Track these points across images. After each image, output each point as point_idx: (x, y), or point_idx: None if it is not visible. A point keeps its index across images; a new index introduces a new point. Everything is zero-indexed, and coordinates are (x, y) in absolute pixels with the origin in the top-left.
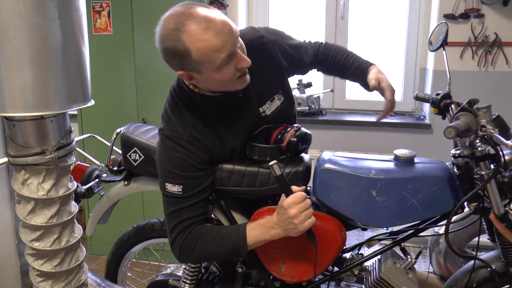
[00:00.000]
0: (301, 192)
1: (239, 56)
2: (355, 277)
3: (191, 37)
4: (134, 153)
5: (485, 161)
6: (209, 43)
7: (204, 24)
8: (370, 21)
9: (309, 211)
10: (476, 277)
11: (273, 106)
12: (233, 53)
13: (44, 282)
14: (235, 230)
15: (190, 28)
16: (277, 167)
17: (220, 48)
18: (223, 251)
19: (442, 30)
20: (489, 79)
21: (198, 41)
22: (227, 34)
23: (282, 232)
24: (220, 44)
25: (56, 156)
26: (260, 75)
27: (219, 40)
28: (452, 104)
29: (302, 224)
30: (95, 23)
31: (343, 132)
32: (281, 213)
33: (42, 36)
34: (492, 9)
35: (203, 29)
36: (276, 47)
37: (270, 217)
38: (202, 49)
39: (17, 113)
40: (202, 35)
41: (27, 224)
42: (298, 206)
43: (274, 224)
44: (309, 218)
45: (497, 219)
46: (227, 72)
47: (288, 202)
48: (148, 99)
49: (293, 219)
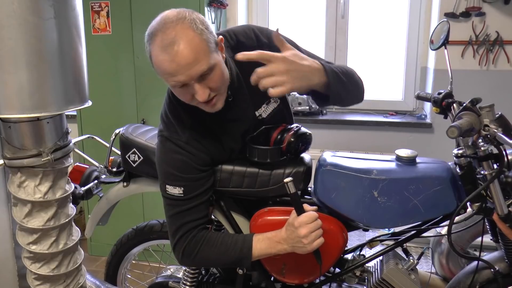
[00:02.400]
0: (313, 212)
1: (195, 89)
2: (356, 278)
3: (153, 50)
4: (133, 154)
5: (488, 161)
6: (161, 65)
7: (166, 44)
8: (370, 20)
9: (319, 232)
10: (479, 278)
11: (269, 108)
12: (186, 84)
13: (42, 285)
14: (241, 240)
15: (156, 42)
16: (292, 184)
17: (170, 75)
18: (226, 260)
19: (443, 28)
20: (490, 78)
21: (155, 57)
22: (181, 66)
23: (289, 248)
24: (171, 72)
25: (53, 158)
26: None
27: (170, 68)
28: (454, 104)
29: (310, 244)
30: (94, 23)
31: (344, 132)
32: (291, 231)
33: (38, 36)
34: (493, 7)
35: (163, 49)
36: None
37: (278, 232)
38: (156, 65)
39: (12, 114)
40: (159, 54)
41: (24, 227)
42: (309, 226)
43: (282, 239)
44: (318, 238)
45: (500, 219)
46: (184, 96)
47: (299, 221)
48: (147, 100)
49: (302, 238)
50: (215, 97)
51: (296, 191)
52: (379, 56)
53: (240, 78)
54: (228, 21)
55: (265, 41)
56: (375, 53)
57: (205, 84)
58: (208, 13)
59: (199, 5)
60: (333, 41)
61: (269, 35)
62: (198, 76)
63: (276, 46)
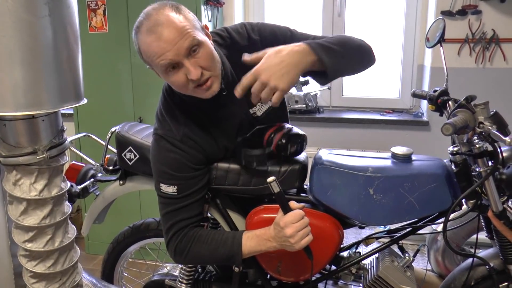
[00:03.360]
0: (299, 210)
1: (187, 66)
2: (352, 276)
3: (140, 38)
4: (129, 152)
5: (483, 158)
6: (149, 48)
7: (151, 27)
8: (367, 18)
9: (307, 230)
10: (474, 274)
11: (264, 107)
12: (176, 62)
13: (38, 283)
14: (231, 238)
15: (142, 29)
16: (275, 184)
17: (158, 55)
18: (217, 257)
19: (439, 26)
20: (486, 75)
21: (143, 43)
22: (169, 42)
23: (278, 246)
24: (158, 51)
25: (48, 156)
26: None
27: (157, 47)
28: (449, 101)
29: (298, 243)
30: (90, 22)
31: (340, 130)
32: (278, 230)
33: (32, 34)
34: (490, 5)
35: (148, 31)
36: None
37: (267, 229)
38: (145, 52)
39: (7, 112)
40: (146, 38)
41: (19, 225)
42: (295, 226)
43: (271, 237)
44: (306, 236)
45: (495, 216)
46: (177, 80)
47: (284, 222)
48: (144, 98)
49: (289, 238)
50: (209, 78)
51: (281, 190)
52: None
53: (234, 75)
54: (224, 19)
55: (256, 38)
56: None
57: (195, 62)
58: (205, 11)
59: (196, 3)
60: None
61: (261, 31)
62: (185, 51)
63: (269, 40)
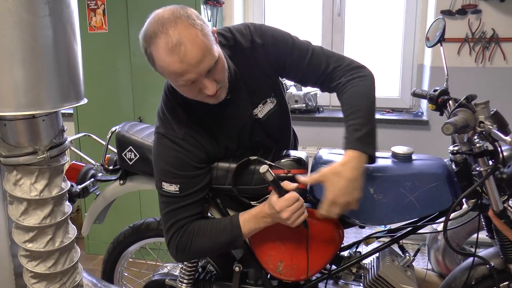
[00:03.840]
0: (293, 193)
1: (204, 83)
2: (353, 275)
3: (157, 53)
4: (130, 152)
5: (484, 157)
6: (169, 67)
7: (172, 46)
8: (367, 18)
9: (302, 210)
10: (475, 274)
11: (265, 109)
12: (194, 80)
13: (39, 283)
14: (229, 223)
15: (159, 44)
16: (269, 174)
17: (179, 75)
18: (219, 246)
19: (439, 26)
20: (486, 75)
21: (160, 60)
22: (191, 65)
23: (274, 221)
24: (180, 72)
25: (49, 155)
26: (253, 77)
27: (179, 68)
28: (450, 100)
29: (294, 223)
30: (90, 21)
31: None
32: (274, 212)
33: (33, 33)
34: (490, 4)
35: (168, 51)
36: (268, 51)
37: (261, 207)
38: (162, 68)
39: (8, 112)
40: (165, 56)
41: (20, 225)
42: (290, 209)
43: (267, 214)
44: (301, 215)
45: (495, 215)
46: (190, 92)
47: (280, 206)
48: (144, 98)
49: (286, 220)
50: (219, 88)
51: (275, 177)
52: (376, 54)
53: (238, 75)
54: (224, 19)
55: (259, 41)
56: (371, 51)
57: (211, 77)
58: (204, 11)
59: (195, 3)
60: (329, 39)
61: (263, 35)
62: (206, 70)
63: (271, 47)
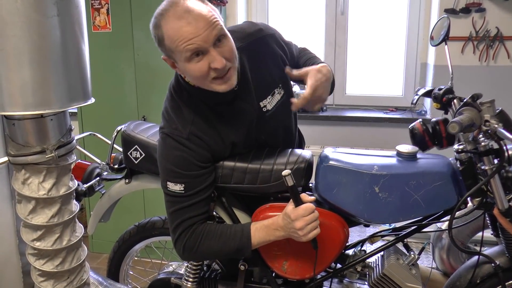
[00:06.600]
0: (310, 204)
1: (212, 54)
2: (358, 274)
3: (166, 24)
4: (135, 151)
5: (489, 156)
6: (178, 32)
7: (181, 13)
8: (370, 17)
9: (315, 223)
10: (480, 272)
11: (274, 100)
12: (203, 49)
13: (46, 282)
14: (240, 230)
15: (168, 14)
16: (290, 177)
17: (187, 40)
18: (227, 251)
19: (443, 24)
20: (490, 73)
21: (170, 28)
22: (200, 28)
23: (286, 235)
24: (188, 36)
25: (57, 155)
26: (260, 68)
27: (188, 32)
28: (454, 99)
29: (306, 236)
30: (94, 21)
31: (344, 128)
32: (287, 221)
33: (41, 33)
34: (494, 3)
35: (178, 17)
36: (274, 41)
37: (275, 219)
38: (171, 36)
39: (16, 111)
40: (175, 23)
41: (28, 223)
42: (305, 219)
43: (279, 227)
44: (314, 229)
45: (501, 214)
46: (199, 68)
47: (296, 215)
48: (148, 97)
49: (298, 230)
50: (230, 69)
51: (294, 183)
52: (379, 52)
53: (245, 67)
54: (227, 18)
55: (267, 32)
56: (375, 50)
57: (220, 51)
58: None
59: None
60: (332, 37)
61: (268, 26)
62: (213, 39)
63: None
